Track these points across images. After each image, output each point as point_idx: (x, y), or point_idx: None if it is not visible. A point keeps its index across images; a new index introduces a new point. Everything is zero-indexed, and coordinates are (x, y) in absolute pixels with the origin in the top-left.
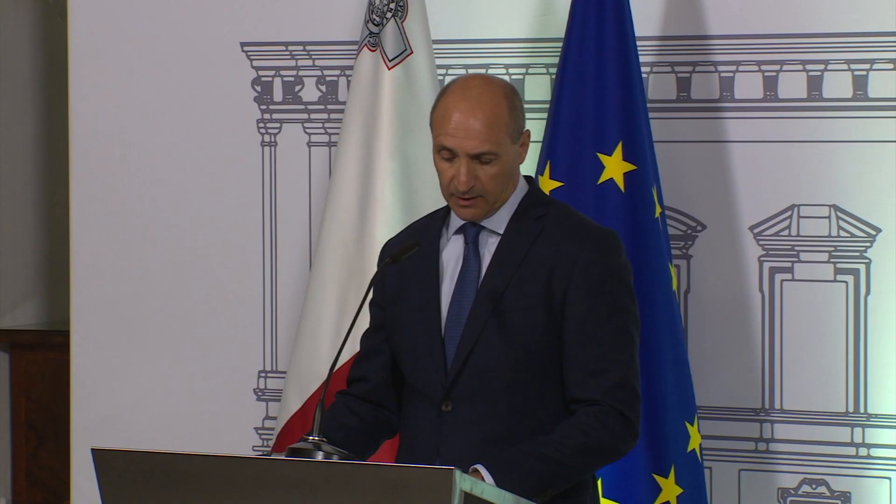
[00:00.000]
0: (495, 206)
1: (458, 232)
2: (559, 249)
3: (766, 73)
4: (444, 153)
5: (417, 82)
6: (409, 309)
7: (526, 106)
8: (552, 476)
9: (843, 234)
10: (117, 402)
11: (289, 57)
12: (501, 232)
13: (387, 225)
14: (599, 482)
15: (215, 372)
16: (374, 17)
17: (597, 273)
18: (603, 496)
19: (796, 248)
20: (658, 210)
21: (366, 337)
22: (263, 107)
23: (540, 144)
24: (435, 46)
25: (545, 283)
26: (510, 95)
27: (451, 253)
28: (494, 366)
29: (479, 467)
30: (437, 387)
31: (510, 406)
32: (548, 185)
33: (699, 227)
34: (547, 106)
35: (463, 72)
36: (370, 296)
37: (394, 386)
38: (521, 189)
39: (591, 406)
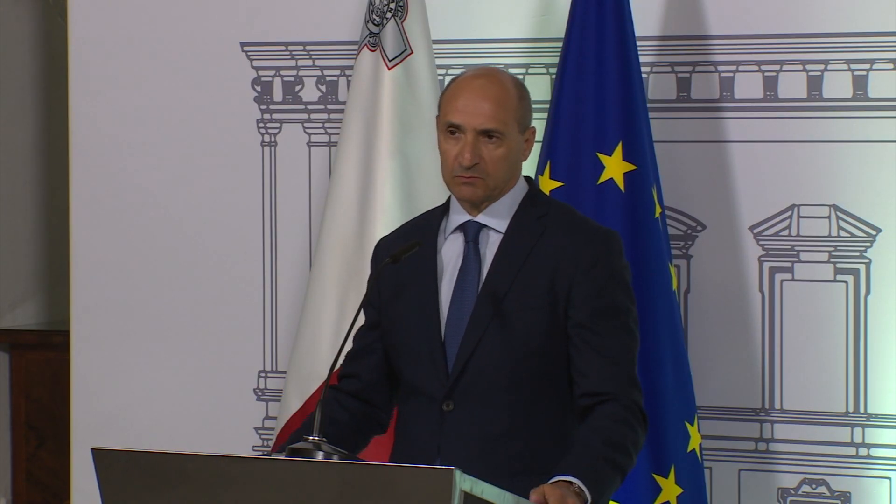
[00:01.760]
0: (494, 193)
1: (456, 230)
2: (562, 250)
3: (766, 73)
4: (450, 130)
5: (417, 82)
6: (408, 309)
7: None
8: (618, 483)
9: (843, 234)
10: (117, 402)
11: (289, 57)
12: (503, 231)
13: (387, 225)
14: None
15: (215, 372)
16: (374, 17)
17: (601, 273)
18: None
19: (796, 248)
20: (658, 210)
21: (358, 335)
22: (263, 107)
23: (540, 144)
24: (435, 46)
25: (549, 283)
26: (520, 87)
27: (450, 252)
28: (496, 366)
29: (574, 479)
30: (438, 387)
31: (512, 405)
32: (548, 185)
33: (699, 227)
34: (547, 106)
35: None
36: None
37: (384, 385)
38: (522, 188)
39: (613, 402)
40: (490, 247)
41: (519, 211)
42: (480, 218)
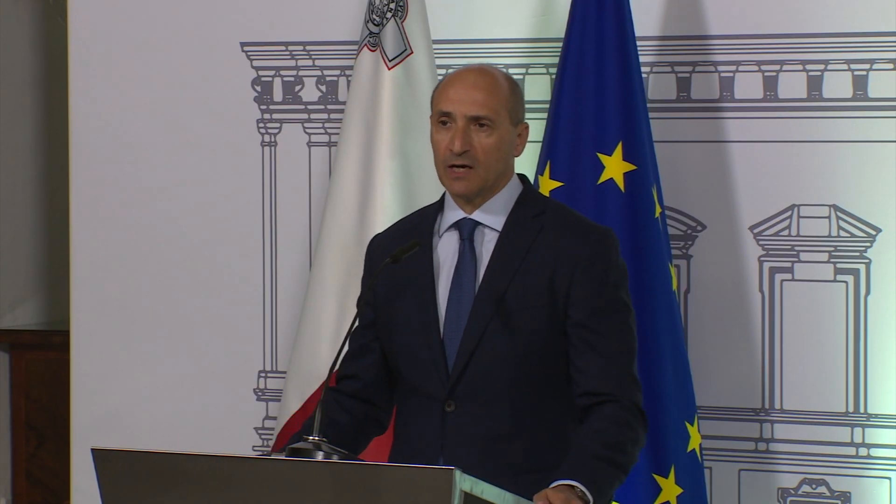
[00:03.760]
0: (487, 185)
1: (451, 228)
2: (560, 248)
3: (766, 73)
4: (442, 119)
5: (417, 82)
6: (405, 309)
7: (526, 106)
8: (620, 480)
9: (843, 234)
10: (117, 402)
11: (289, 57)
12: (499, 229)
13: (387, 225)
14: None
15: (215, 372)
16: (374, 17)
17: (599, 271)
18: None
19: (796, 248)
20: (658, 210)
21: (355, 335)
22: (263, 107)
23: (540, 144)
24: (435, 46)
25: (547, 282)
26: (511, 81)
27: (445, 250)
28: (497, 366)
29: (575, 483)
30: (439, 387)
31: (513, 404)
32: (548, 185)
33: (699, 227)
34: (547, 106)
35: None
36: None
37: (383, 383)
38: (517, 187)
39: (612, 403)
40: (486, 245)
41: (515, 209)
42: (476, 215)
